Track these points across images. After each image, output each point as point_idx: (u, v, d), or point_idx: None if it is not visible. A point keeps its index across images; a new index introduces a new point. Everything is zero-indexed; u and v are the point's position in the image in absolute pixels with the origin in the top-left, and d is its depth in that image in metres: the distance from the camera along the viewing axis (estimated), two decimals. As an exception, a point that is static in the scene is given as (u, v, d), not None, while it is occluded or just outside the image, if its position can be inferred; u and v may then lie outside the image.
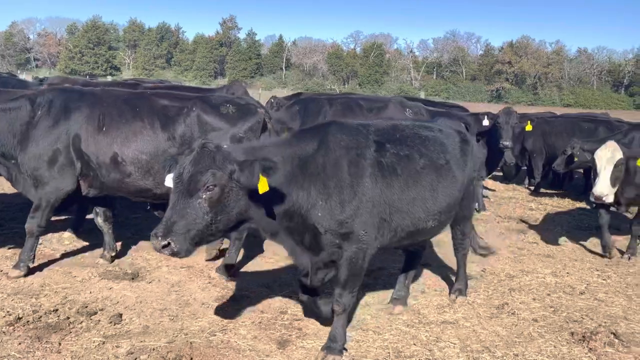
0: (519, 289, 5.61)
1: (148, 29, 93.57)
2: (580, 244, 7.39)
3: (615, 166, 5.97)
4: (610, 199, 6.08)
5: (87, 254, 5.79)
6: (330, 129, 3.84)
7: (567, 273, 6.27)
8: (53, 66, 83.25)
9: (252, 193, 3.33)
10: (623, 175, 6.13)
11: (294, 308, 4.76)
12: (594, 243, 7.32)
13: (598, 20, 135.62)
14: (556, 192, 11.19)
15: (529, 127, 7.75)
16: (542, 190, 11.19)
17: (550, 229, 8.17)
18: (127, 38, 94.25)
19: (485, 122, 8.40)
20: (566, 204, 10.12)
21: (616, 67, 78.49)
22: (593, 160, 6.17)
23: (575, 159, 7.10)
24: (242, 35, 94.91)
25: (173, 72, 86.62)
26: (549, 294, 5.52)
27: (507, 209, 9.57)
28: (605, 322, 4.85)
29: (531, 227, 8.28)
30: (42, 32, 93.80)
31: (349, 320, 4.35)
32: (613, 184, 6.05)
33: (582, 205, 10.03)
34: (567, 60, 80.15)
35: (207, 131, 4.73)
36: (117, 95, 4.99)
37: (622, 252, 6.87)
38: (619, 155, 5.97)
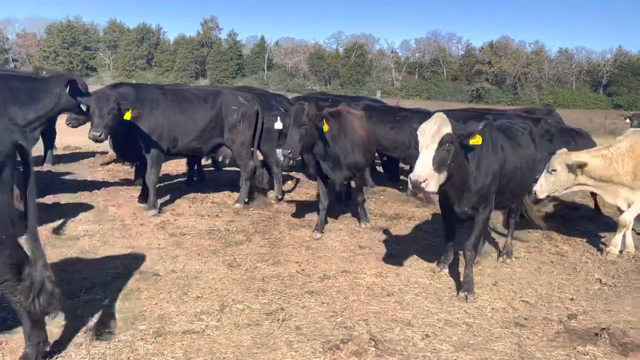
0: (318, 292, 5.08)
1: (128, 30, 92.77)
2: (437, 243, 6.88)
3: (441, 143, 4.44)
4: (432, 186, 4.39)
5: None
6: None
7: (397, 274, 5.75)
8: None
9: None
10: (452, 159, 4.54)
11: None
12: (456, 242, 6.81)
13: (577, 21, 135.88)
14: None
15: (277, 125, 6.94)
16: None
17: (418, 227, 7.68)
18: (107, 39, 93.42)
19: (278, 125, 7.39)
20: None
21: (595, 67, 78.54)
22: (415, 136, 4.63)
23: None
24: (223, 35, 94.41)
25: (154, 73, 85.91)
26: (346, 297, 5.00)
27: (392, 206, 9.04)
28: (380, 328, 4.34)
29: (398, 224, 7.78)
30: (21, 33, 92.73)
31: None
32: (437, 168, 4.41)
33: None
34: (547, 61, 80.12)
35: None
36: None
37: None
38: (447, 129, 4.48)
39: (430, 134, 4.49)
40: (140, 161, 7.43)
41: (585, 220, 8.59)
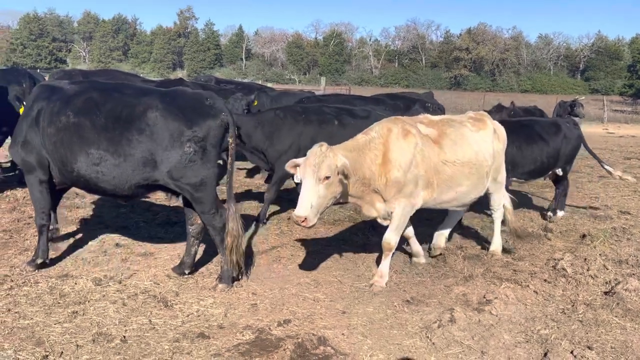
0: None
1: (103, 21, 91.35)
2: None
3: None
4: None
5: None
6: None
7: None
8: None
9: None
10: None
11: None
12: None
13: (555, 6, 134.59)
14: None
15: None
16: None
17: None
18: (81, 30, 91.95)
19: None
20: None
21: (572, 52, 77.83)
22: None
23: None
24: (200, 25, 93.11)
25: (130, 64, 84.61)
26: None
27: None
28: None
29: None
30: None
31: None
32: None
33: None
34: (525, 46, 79.32)
35: None
36: None
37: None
38: None
39: None
40: None
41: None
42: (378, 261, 5.72)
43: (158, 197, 8.03)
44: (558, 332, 4.24)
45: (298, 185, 5.15)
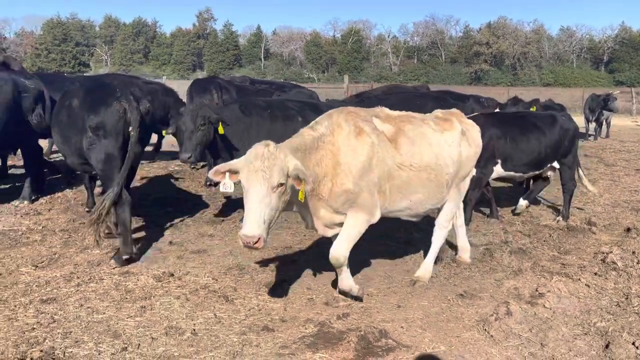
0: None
1: (124, 24, 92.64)
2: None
3: None
4: None
5: None
6: None
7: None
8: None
9: None
10: None
11: None
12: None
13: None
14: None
15: None
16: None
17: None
18: (103, 34, 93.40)
19: None
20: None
21: (596, 44, 76.49)
22: None
23: None
24: (219, 26, 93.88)
25: (151, 67, 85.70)
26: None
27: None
28: None
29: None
30: (20, 32, 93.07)
31: None
32: None
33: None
34: (547, 39, 78.23)
35: None
36: None
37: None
38: None
39: None
40: None
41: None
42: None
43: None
44: (615, 324, 4.27)
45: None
